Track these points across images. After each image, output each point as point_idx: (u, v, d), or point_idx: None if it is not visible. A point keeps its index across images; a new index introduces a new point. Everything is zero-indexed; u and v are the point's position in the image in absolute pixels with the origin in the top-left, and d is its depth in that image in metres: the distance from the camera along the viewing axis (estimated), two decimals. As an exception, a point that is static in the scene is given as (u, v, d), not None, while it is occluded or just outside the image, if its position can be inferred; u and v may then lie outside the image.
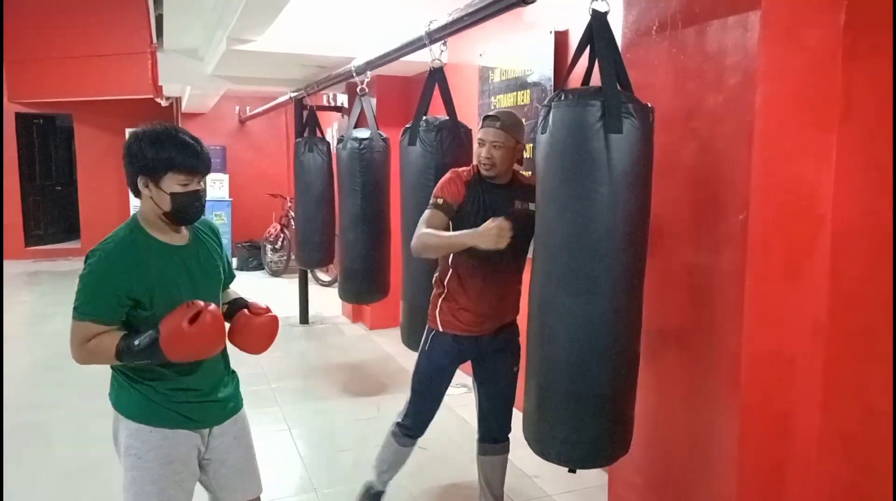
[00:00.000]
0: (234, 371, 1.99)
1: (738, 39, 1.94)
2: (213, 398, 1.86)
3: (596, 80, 1.87)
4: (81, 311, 1.70)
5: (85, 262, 1.73)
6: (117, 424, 1.82)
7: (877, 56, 1.89)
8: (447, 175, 2.41)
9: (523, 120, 3.82)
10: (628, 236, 1.81)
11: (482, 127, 2.32)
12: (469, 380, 4.54)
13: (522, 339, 2.20)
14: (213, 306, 1.69)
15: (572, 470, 1.98)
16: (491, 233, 1.99)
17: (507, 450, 2.65)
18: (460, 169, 2.41)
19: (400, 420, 2.64)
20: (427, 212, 2.31)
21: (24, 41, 9.36)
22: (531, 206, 2.24)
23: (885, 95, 1.87)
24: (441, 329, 2.44)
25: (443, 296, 2.44)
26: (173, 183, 1.70)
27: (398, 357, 5.10)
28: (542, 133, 1.86)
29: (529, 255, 2.22)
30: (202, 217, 1.86)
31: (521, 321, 3.49)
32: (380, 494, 2.76)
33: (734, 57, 1.95)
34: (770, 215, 1.96)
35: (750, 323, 1.97)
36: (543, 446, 1.95)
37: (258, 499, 2.01)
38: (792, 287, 2.01)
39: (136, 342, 1.66)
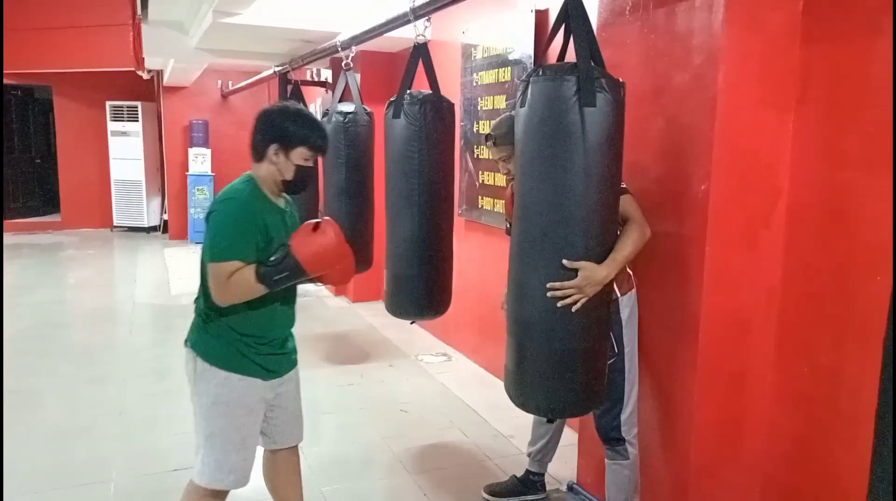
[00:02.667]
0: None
1: (704, 21, 2.06)
2: (285, 350, 2.08)
3: (571, 56, 1.98)
4: (224, 252, 1.87)
5: (211, 213, 1.92)
6: (204, 374, 1.98)
7: (832, 41, 2.02)
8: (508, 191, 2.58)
9: (503, 97, 3.93)
10: (600, 202, 1.93)
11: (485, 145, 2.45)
12: (449, 349, 4.69)
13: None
14: (328, 219, 1.97)
15: (550, 420, 2.12)
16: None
17: (612, 456, 2.36)
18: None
19: None
20: None
21: (4, 11, 9.21)
22: None
23: (839, 77, 2.00)
24: None
25: None
26: (300, 157, 1.96)
27: (381, 328, 5.23)
28: (521, 107, 1.96)
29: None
30: None
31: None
32: (529, 473, 2.82)
33: (700, 38, 2.08)
34: (730, 187, 2.10)
35: (709, 287, 2.12)
36: (524, 399, 2.09)
37: (297, 445, 2.26)
38: (749, 254, 2.16)
39: (273, 258, 1.87)
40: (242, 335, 1.96)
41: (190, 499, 2.05)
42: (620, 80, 1.93)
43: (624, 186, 2.13)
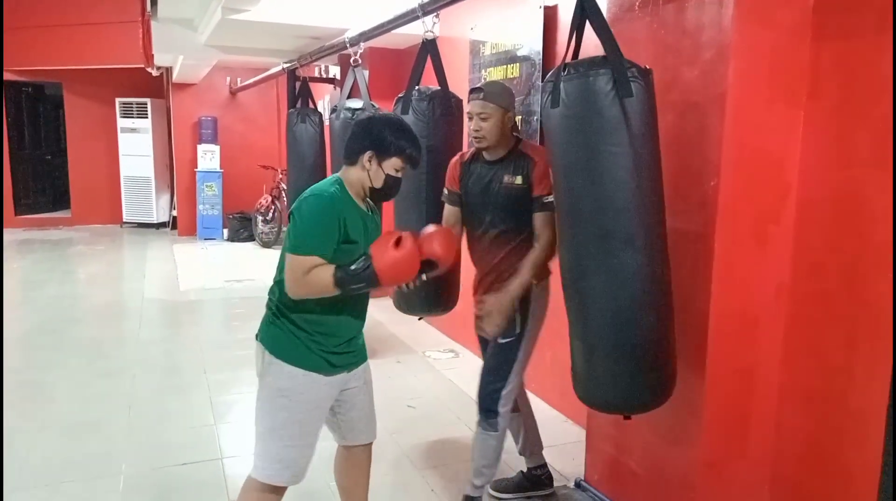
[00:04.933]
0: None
1: (714, 16, 2.05)
2: (353, 347, 2.08)
3: (581, 53, 1.98)
4: (305, 247, 1.89)
5: (297, 209, 1.92)
6: (270, 367, 1.99)
7: (843, 37, 2.01)
8: (451, 161, 2.56)
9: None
10: (652, 190, 1.92)
11: (469, 101, 2.39)
12: (457, 345, 4.68)
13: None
14: (408, 232, 1.95)
15: (627, 417, 2.11)
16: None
17: (485, 427, 2.47)
18: (465, 151, 2.50)
19: None
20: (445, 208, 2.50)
21: (14, 8, 9.27)
22: (517, 180, 2.34)
23: (850, 74, 1.99)
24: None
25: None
26: (392, 167, 1.98)
27: (388, 324, 5.24)
28: (553, 107, 1.93)
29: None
30: None
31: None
32: (530, 470, 2.80)
33: (709, 33, 2.07)
34: (739, 183, 2.09)
35: (717, 284, 2.11)
36: (595, 399, 2.08)
37: (371, 443, 2.25)
38: (758, 251, 2.15)
39: (353, 267, 1.88)
40: (310, 333, 1.97)
41: (248, 495, 2.05)
42: (647, 67, 1.93)
43: (551, 200, 2.19)
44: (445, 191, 2.57)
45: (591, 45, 1.97)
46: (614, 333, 1.96)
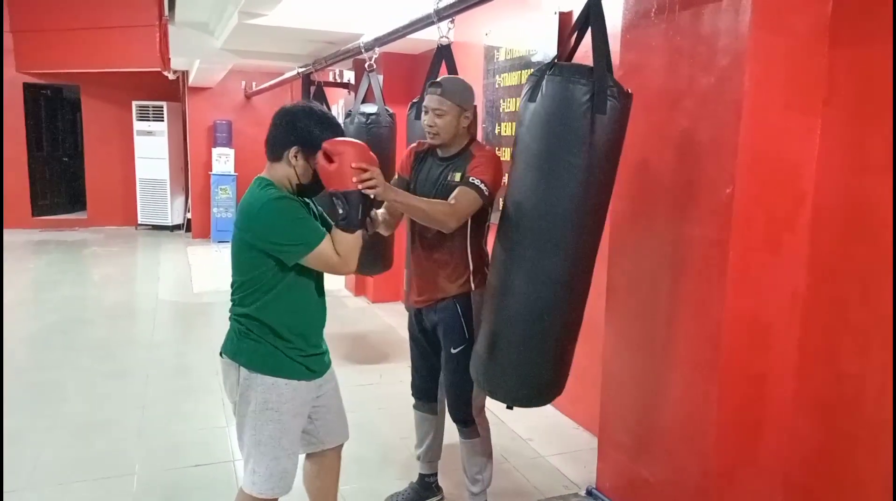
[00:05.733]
0: None
1: (730, 23, 2.05)
2: (321, 350, 2.06)
3: (580, 58, 1.99)
4: (315, 237, 1.87)
5: (266, 213, 1.86)
6: (250, 382, 1.94)
7: (861, 45, 1.99)
8: (407, 149, 2.54)
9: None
10: (596, 205, 1.98)
11: (425, 94, 2.32)
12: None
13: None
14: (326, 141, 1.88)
15: (510, 407, 2.21)
16: None
17: (465, 435, 2.51)
18: (423, 141, 2.46)
19: None
20: None
21: (33, 11, 9.39)
22: (457, 177, 2.29)
23: (867, 81, 1.98)
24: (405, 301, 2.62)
25: (406, 268, 2.57)
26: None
27: (399, 329, 5.24)
28: (530, 101, 1.95)
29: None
30: None
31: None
32: (423, 477, 2.78)
33: (725, 40, 2.07)
34: (755, 190, 2.08)
35: (731, 291, 2.10)
36: (492, 385, 2.17)
37: (342, 445, 2.25)
38: (773, 258, 2.14)
39: (341, 212, 1.87)
40: (288, 339, 1.94)
41: None
42: (628, 90, 1.94)
43: (478, 184, 2.18)
44: (396, 176, 2.50)
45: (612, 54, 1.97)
46: (520, 329, 2.05)
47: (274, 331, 1.93)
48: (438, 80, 2.33)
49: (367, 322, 5.61)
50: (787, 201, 2.13)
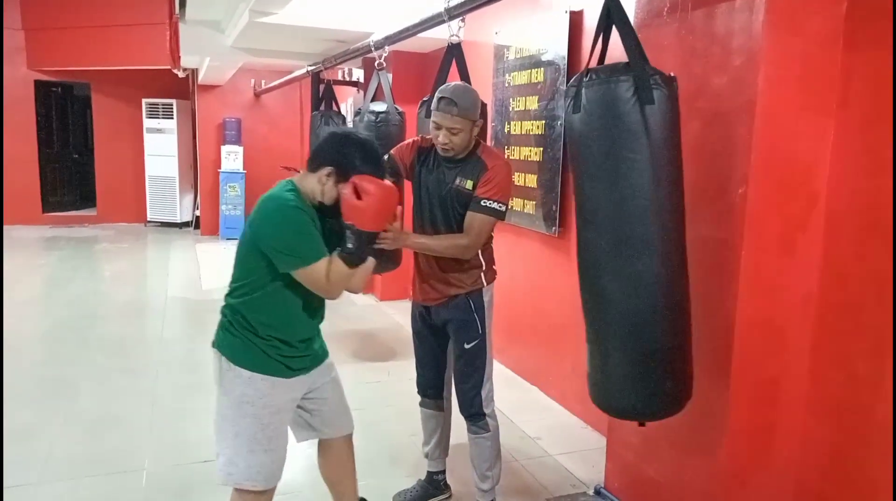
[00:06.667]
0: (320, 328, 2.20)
1: (744, 23, 2.04)
2: (310, 351, 2.09)
3: (608, 59, 1.97)
4: (314, 255, 1.90)
5: (268, 221, 1.91)
6: (227, 374, 2.00)
7: (875, 46, 1.98)
8: (411, 139, 2.56)
9: (536, 97, 3.92)
10: (671, 196, 1.91)
11: (437, 110, 2.28)
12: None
13: (565, 310, 2.28)
14: (350, 183, 1.93)
15: (641, 424, 2.10)
16: None
17: (475, 431, 2.53)
18: (428, 137, 2.46)
19: None
20: None
21: (45, 9, 9.45)
22: (467, 184, 2.33)
23: (881, 83, 1.96)
24: (411, 297, 2.62)
25: (414, 266, 2.56)
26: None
27: (407, 326, 5.23)
28: (574, 112, 1.93)
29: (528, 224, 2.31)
30: None
31: (556, 294, 3.58)
32: (431, 474, 2.79)
33: (739, 40, 2.06)
34: (768, 191, 2.07)
35: (744, 292, 2.09)
36: (610, 403, 2.06)
37: (351, 435, 2.31)
38: (786, 260, 2.13)
39: (349, 245, 1.92)
40: (267, 339, 1.98)
41: None
42: (672, 74, 1.92)
43: (492, 205, 2.27)
44: (388, 155, 2.45)
45: (619, 50, 1.96)
46: (629, 339, 1.95)
47: (252, 328, 1.97)
48: (450, 95, 2.28)
49: (375, 320, 5.62)
50: (801, 202, 2.11)
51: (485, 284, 2.45)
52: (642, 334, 1.93)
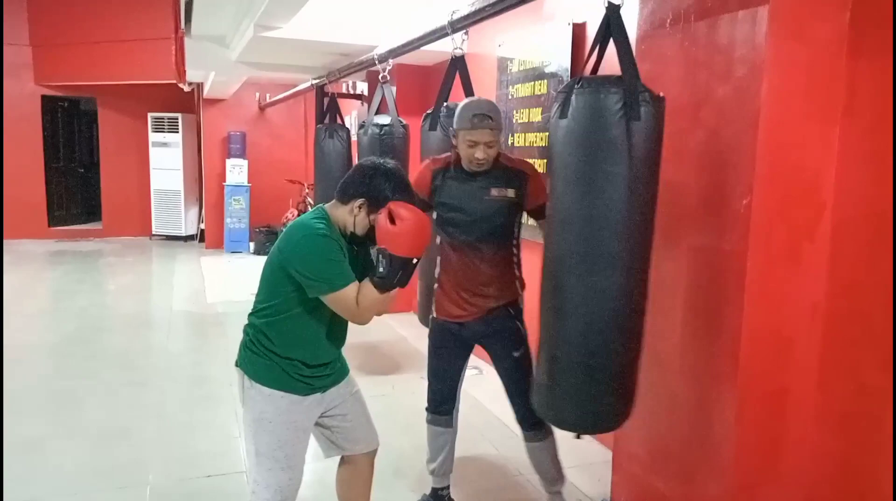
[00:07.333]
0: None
1: (747, 33, 2.04)
2: (331, 370, 2.11)
3: (603, 70, 1.97)
4: (342, 281, 1.90)
5: (297, 251, 1.92)
6: (250, 392, 2.02)
7: (880, 54, 1.97)
8: (419, 169, 2.54)
9: (539, 110, 3.93)
10: (643, 215, 1.91)
11: (474, 128, 2.31)
12: (481, 363, 4.68)
13: (534, 314, 2.29)
14: (385, 209, 1.93)
15: (578, 436, 2.12)
16: None
17: (539, 438, 2.57)
18: (438, 157, 2.50)
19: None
20: None
21: (52, 25, 9.55)
22: (509, 192, 2.38)
23: (886, 91, 1.95)
24: (434, 315, 2.59)
25: (437, 283, 2.55)
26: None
27: (411, 340, 5.24)
28: (561, 118, 1.94)
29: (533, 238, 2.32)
30: None
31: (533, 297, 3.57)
32: (436, 490, 2.77)
33: (743, 49, 2.05)
34: (773, 201, 2.06)
35: (751, 303, 2.07)
36: (555, 413, 2.08)
37: (374, 452, 2.29)
38: (792, 270, 2.11)
39: (381, 270, 1.90)
40: (290, 359, 1.99)
41: None
42: (661, 94, 1.92)
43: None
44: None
45: (615, 64, 1.97)
46: (580, 352, 1.96)
47: (273, 349, 1.99)
48: (486, 112, 2.31)
49: (379, 333, 5.60)
50: (807, 211, 2.10)
51: (520, 291, 2.52)
52: (594, 348, 1.94)
